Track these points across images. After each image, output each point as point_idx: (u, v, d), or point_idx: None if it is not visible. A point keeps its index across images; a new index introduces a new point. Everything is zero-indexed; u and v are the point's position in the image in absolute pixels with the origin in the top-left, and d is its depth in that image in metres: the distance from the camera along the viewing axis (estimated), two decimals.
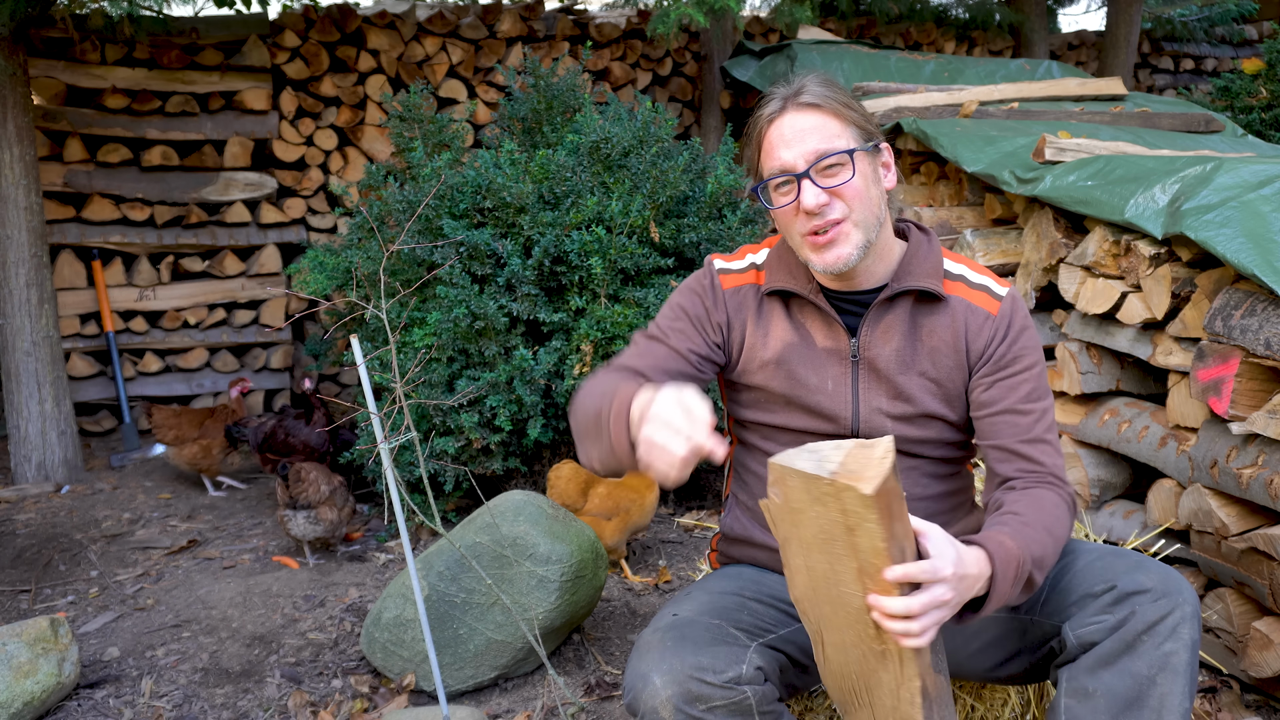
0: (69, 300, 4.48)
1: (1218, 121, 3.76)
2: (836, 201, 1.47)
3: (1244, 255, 2.09)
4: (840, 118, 1.49)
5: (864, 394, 1.56)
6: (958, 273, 1.58)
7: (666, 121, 3.39)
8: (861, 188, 1.48)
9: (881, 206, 1.53)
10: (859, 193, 1.48)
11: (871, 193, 1.51)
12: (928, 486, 1.59)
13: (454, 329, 3.06)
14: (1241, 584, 2.18)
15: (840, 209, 1.48)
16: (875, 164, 1.53)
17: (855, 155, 1.47)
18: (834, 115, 1.49)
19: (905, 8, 5.81)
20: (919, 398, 1.55)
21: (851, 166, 1.47)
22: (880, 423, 1.55)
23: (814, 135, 1.47)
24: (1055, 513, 1.43)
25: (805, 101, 1.49)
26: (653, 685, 1.35)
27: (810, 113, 1.48)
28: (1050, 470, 1.48)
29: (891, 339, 1.55)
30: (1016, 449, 1.48)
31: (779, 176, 1.49)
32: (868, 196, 1.49)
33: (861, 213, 1.49)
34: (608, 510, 2.85)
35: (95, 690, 2.35)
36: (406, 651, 2.33)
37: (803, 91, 1.50)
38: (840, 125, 1.49)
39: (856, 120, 1.51)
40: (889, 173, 1.56)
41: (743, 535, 1.70)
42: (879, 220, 1.52)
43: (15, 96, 3.82)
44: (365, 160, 4.91)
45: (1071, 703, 1.36)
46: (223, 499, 3.82)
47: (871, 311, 1.56)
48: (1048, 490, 1.46)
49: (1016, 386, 1.50)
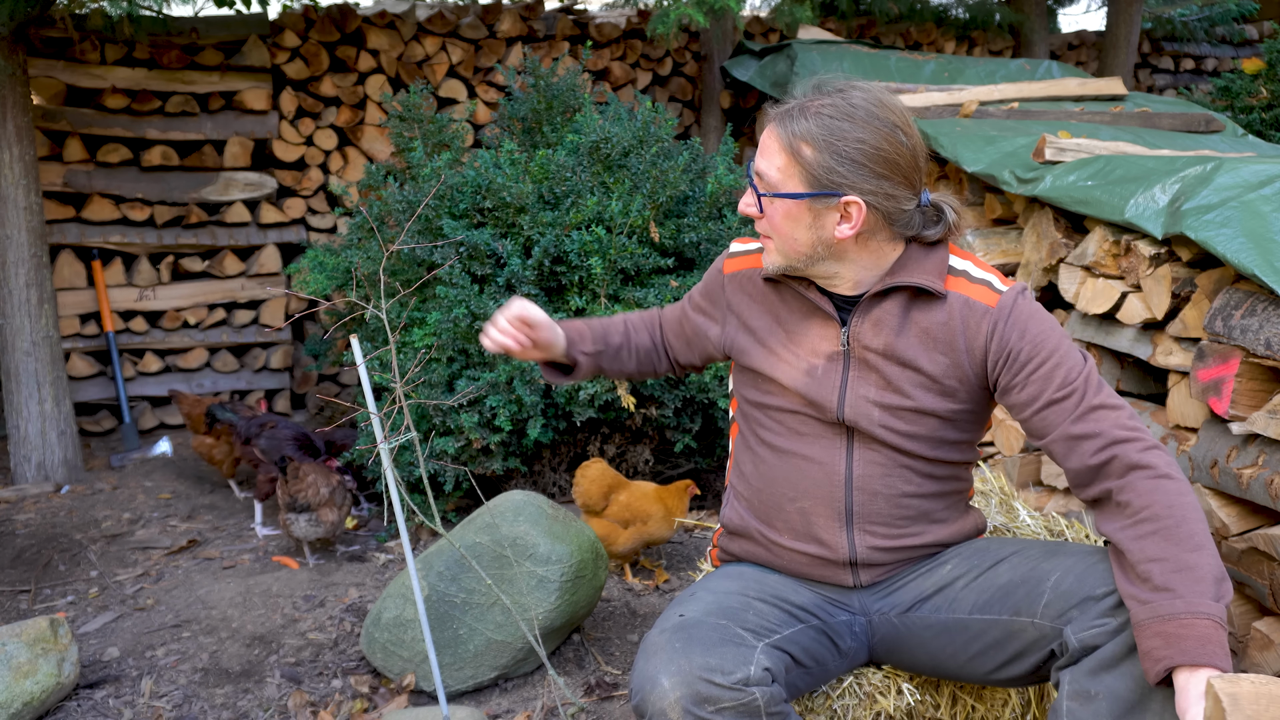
0: (69, 300, 4.47)
1: (1218, 121, 3.76)
2: (761, 220, 1.55)
3: (1244, 255, 2.09)
4: (796, 160, 1.47)
5: (852, 383, 1.56)
6: (961, 268, 1.56)
7: (666, 121, 3.38)
8: (779, 224, 1.53)
9: (814, 247, 1.51)
10: (774, 226, 1.54)
11: (796, 233, 1.51)
12: (920, 485, 1.59)
13: (454, 329, 3.06)
14: (1242, 584, 2.18)
15: (764, 226, 1.56)
16: (820, 211, 1.48)
17: (766, 199, 1.52)
18: (790, 155, 1.48)
19: (905, 8, 5.81)
20: (908, 390, 1.54)
21: (758, 205, 1.54)
22: (867, 410, 1.55)
23: (767, 156, 1.52)
24: (1170, 503, 1.33)
25: (778, 129, 1.51)
26: (661, 687, 1.35)
27: (774, 139, 1.52)
28: (1114, 438, 1.39)
29: (882, 331, 1.55)
30: (1071, 433, 1.42)
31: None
32: (787, 234, 1.53)
33: (779, 244, 1.55)
34: (626, 518, 2.81)
35: (95, 690, 2.35)
36: (406, 651, 2.33)
37: (794, 117, 1.49)
38: (788, 163, 1.49)
39: (814, 167, 1.46)
40: (845, 223, 1.49)
41: (741, 528, 1.70)
42: (806, 258, 1.53)
43: (15, 96, 3.82)
44: (365, 160, 4.90)
45: (1074, 705, 1.36)
46: (222, 499, 3.81)
47: (863, 304, 1.56)
48: (1144, 481, 1.36)
49: (1050, 376, 1.45)
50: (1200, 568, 1.28)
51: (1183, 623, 1.24)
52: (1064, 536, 1.96)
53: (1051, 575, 1.46)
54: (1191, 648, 1.22)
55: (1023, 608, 1.47)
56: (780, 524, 1.63)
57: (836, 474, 1.58)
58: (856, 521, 1.58)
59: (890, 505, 1.58)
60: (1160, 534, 1.31)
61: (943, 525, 1.62)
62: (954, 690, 1.73)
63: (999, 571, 1.53)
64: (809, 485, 1.59)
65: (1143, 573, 1.30)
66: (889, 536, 1.59)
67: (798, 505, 1.61)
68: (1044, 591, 1.45)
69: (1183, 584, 1.27)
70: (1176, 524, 1.32)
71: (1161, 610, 1.26)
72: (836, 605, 1.63)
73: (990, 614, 1.50)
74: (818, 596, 1.62)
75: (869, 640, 1.65)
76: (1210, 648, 1.22)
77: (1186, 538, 1.30)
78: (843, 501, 1.58)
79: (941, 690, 1.72)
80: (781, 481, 1.62)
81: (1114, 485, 1.39)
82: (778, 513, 1.63)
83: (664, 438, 3.45)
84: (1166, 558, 1.29)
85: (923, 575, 1.60)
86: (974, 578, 1.55)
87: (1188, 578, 1.27)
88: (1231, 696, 1.15)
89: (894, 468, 1.57)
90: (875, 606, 1.63)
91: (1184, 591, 1.26)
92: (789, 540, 1.63)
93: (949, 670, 1.58)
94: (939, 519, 1.62)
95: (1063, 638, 1.40)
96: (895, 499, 1.58)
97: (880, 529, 1.58)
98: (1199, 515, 1.33)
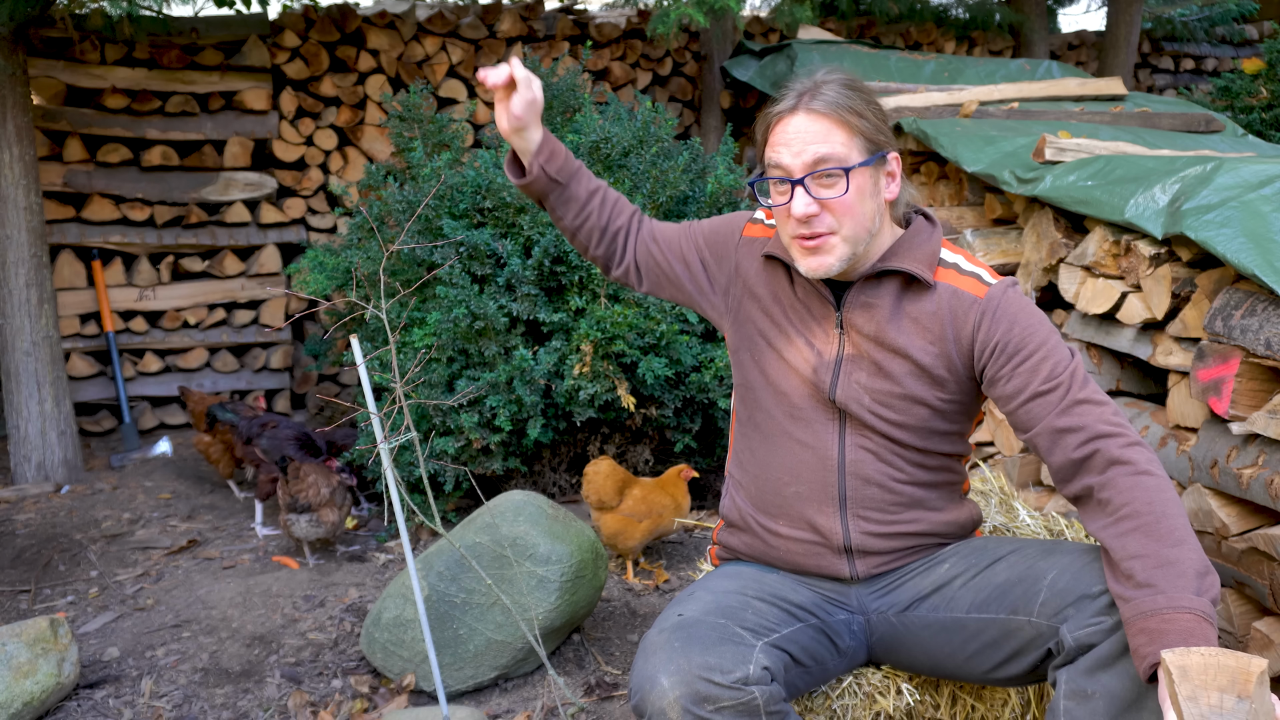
0: (69, 300, 4.47)
1: (1218, 121, 3.76)
2: (825, 214, 1.48)
3: (1244, 255, 2.09)
4: (847, 128, 1.48)
5: (845, 365, 1.57)
6: (952, 261, 1.58)
7: (666, 121, 3.38)
8: (854, 202, 1.48)
9: (875, 219, 1.53)
10: (850, 208, 1.48)
11: (865, 207, 1.50)
12: (913, 474, 1.59)
13: (454, 329, 3.06)
14: (1241, 584, 2.18)
15: (829, 222, 1.49)
16: (878, 175, 1.53)
17: (852, 172, 1.47)
18: (841, 125, 1.47)
19: (905, 8, 5.81)
20: (900, 378, 1.55)
21: (846, 183, 1.47)
22: (858, 395, 1.56)
23: (816, 143, 1.47)
24: (1150, 499, 1.34)
25: (816, 108, 1.48)
26: (660, 686, 1.35)
27: (818, 119, 1.47)
28: (1097, 432, 1.40)
29: (874, 317, 1.56)
30: (1055, 425, 1.43)
31: (775, 177, 1.50)
32: (860, 212, 1.50)
33: (850, 228, 1.50)
34: (641, 512, 2.83)
35: (95, 690, 2.35)
36: (406, 651, 2.33)
37: (817, 95, 1.49)
38: (846, 136, 1.48)
39: (866, 130, 1.49)
40: (893, 181, 1.55)
41: (739, 520, 1.71)
42: (870, 233, 1.53)
43: (15, 96, 3.82)
44: (365, 160, 4.90)
45: (1071, 704, 1.35)
46: (222, 499, 3.81)
47: (855, 288, 1.57)
48: (1124, 478, 1.36)
49: (1037, 369, 1.46)
50: (1181, 562, 1.28)
51: (1165, 618, 1.24)
52: (1063, 536, 1.96)
53: (1048, 574, 1.46)
54: (1174, 642, 1.22)
55: (1019, 607, 1.47)
56: (777, 511, 1.64)
57: (829, 459, 1.59)
58: (850, 506, 1.59)
59: (883, 492, 1.59)
60: (1141, 530, 1.32)
61: (937, 513, 1.62)
62: (953, 690, 1.73)
63: (996, 570, 1.53)
64: (803, 470, 1.61)
65: (1125, 570, 1.31)
66: (882, 523, 1.59)
67: (793, 490, 1.62)
68: (1040, 590, 1.45)
69: (1164, 579, 1.27)
70: (1157, 520, 1.32)
71: (1144, 607, 1.26)
72: (835, 604, 1.63)
73: (987, 613, 1.51)
74: (817, 595, 1.63)
75: (867, 640, 1.65)
76: (1193, 642, 1.22)
77: (1167, 533, 1.31)
78: (835, 487, 1.59)
79: (941, 690, 1.72)
80: (777, 467, 1.63)
81: (1095, 481, 1.39)
82: (774, 499, 1.64)
83: (664, 438, 3.45)
84: (1147, 554, 1.30)
85: (920, 574, 1.61)
86: (971, 576, 1.55)
87: (1169, 573, 1.27)
88: (1181, 669, 1.17)
89: (886, 454, 1.58)
90: (874, 605, 1.63)
91: (1165, 587, 1.26)
92: (785, 528, 1.63)
93: (947, 670, 1.59)
94: (933, 507, 1.62)
95: (1059, 636, 1.40)
96: (887, 485, 1.59)
97: (873, 514, 1.59)
98: (1180, 510, 1.34)
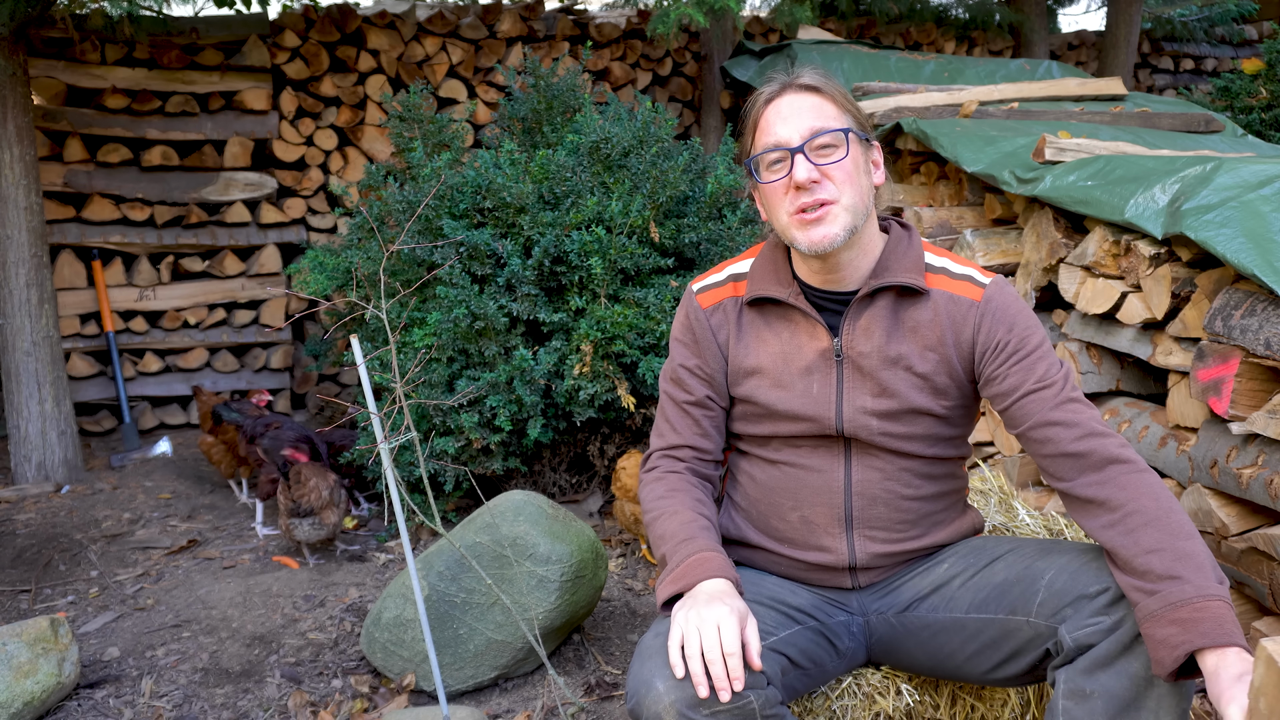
0: (69, 300, 4.48)
1: (1218, 121, 3.76)
2: (827, 182, 1.49)
3: (1244, 255, 2.09)
4: (837, 104, 1.54)
5: (848, 393, 1.57)
6: (940, 265, 1.59)
7: (666, 121, 3.38)
8: (853, 171, 1.51)
9: (870, 198, 1.56)
10: (850, 175, 1.50)
11: (862, 180, 1.53)
12: (919, 487, 1.59)
13: (454, 329, 3.06)
14: (1241, 584, 2.18)
15: (830, 190, 1.49)
16: (867, 155, 1.57)
17: (850, 136, 1.51)
18: (831, 100, 1.53)
19: (905, 8, 5.81)
20: (903, 392, 1.55)
21: (845, 146, 1.50)
22: (865, 422, 1.55)
23: (811, 114, 1.51)
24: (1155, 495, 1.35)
25: (804, 84, 1.53)
26: (656, 690, 1.35)
27: (809, 94, 1.53)
28: (1092, 430, 1.42)
29: (873, 335, 1.56)
30: (1050, 419, 1.45)
31: (773, 151, 1.51)
32: (858, 182, 1.52)
33: (851, 197, 1.50)
34: None
35: (95, 690, 2.35)
36: (406, 651, 2.33)
37: (802, 76, 1.55)
38: (837, 110, 1.53)
39: (853, 112, 1.56)
40: (878, 170, 1.59)
41: (738, 536, 1.70)
42: (867, 209, 1.54)
43: (15, 96, 3.82)
44: (365, 160, 4.91)
45: (1069, 704, 1.35)
46: (222, 499, 3.81)
47: (852, 308, 1.57)
48: (1124, 476, 1.38)
49: (1032, 367, 1.49)
50: (1198, 554, 1.30)
51: (1196, 606, 1.24)
52: (1063, 536, 1.96)
53: (1046, 574, 1.46)
54: (1210, 629, 1.22)
55: (1018, 607, 1.47)
56: (780, 533, 1.64)
57: (836, 481, 1.58)
58: (857, 527, 1.59)
59: (890, 510, 1.58)
60: (1152, 525, 1.33)
61: (942, 528, 1.63)
62: (953, 690, 1.73)
63: (995, 570, 1.53)
64: (809, 494, 1.60)
65: (1143, 564, 1.31)
66: (889, 541, 1.59)
67: (798, 514, 1.61)
68: (1038, 590, 1.45)
69: (1186, 570, 1.28)
70: (1165, 515, 1.34)
71: (1173, 597, 1.26)
72: (834, 605, 1.63)
73: (986, 613, 1.51)
74: (815, 597, 1.62)
75: (867, 640, 1.65)
76: (1228, 627, 1.22)
77: (1178, 527, 1.32)
78: (842, 508, 1.58)
79: (941, 690, 1.72)
80: (780, 492, 1.62)
81: (1093, 479, 1.40)
82: (779, 524, 1.63)
83: None
84: (1164, 547, 1.30)
85: (920, 574, 1.61)
86: (970, 576, 1.55)
87: (1190, 564, 1.28)
88: None
89: (893, 472, 1.57)
90: (873, 606, 1.63)
91: (1190, 577, 1.27)
92: (789, 550, 1.63)
93: (946, 670, 1.58)
94: (939, 521, 1.62)
95: (1057, 637, 1.40)
96: (895, 504, 1.58)
97: (881, 534, 1.59)
98: (1180, 506, 1.37)
